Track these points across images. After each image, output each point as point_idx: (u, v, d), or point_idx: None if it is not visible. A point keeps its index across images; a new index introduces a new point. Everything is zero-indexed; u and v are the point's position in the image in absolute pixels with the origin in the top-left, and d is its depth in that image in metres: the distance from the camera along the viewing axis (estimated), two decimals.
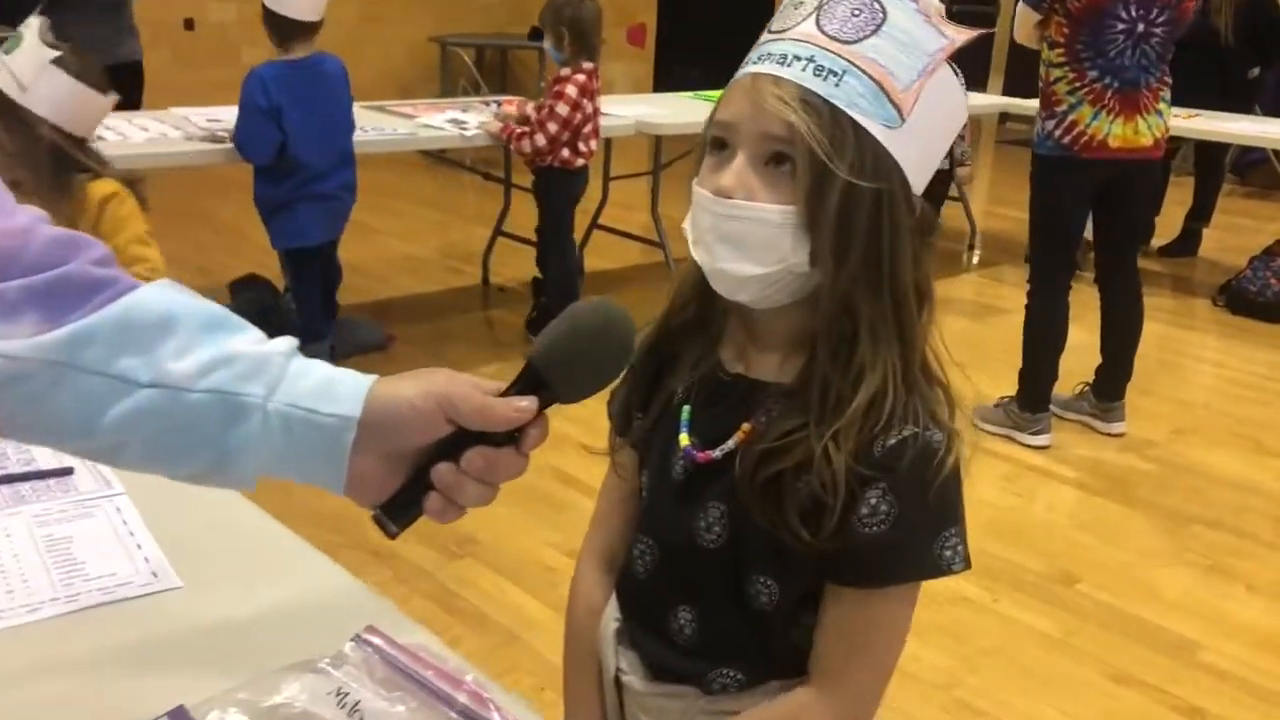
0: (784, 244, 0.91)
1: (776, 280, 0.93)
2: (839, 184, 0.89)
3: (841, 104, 0.89)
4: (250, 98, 3.36)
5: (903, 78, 0.91)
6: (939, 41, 0.92)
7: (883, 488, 0.92)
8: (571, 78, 3.84)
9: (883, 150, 0.90)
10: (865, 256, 0.91)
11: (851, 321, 0.93)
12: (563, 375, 0.77)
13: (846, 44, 0.90)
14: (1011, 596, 2.68)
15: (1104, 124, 3.22)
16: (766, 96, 0.90)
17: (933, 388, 0.98)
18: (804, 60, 0.90)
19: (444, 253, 5.40)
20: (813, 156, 0.89)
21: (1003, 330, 4.39)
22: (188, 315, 0.75)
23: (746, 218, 0.91)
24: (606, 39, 8.14)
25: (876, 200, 0.90)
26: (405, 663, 0.93)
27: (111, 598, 1.03)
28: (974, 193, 6.90)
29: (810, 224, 0.90)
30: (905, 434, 0.92)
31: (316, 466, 0.76)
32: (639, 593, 1.08)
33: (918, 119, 0.91)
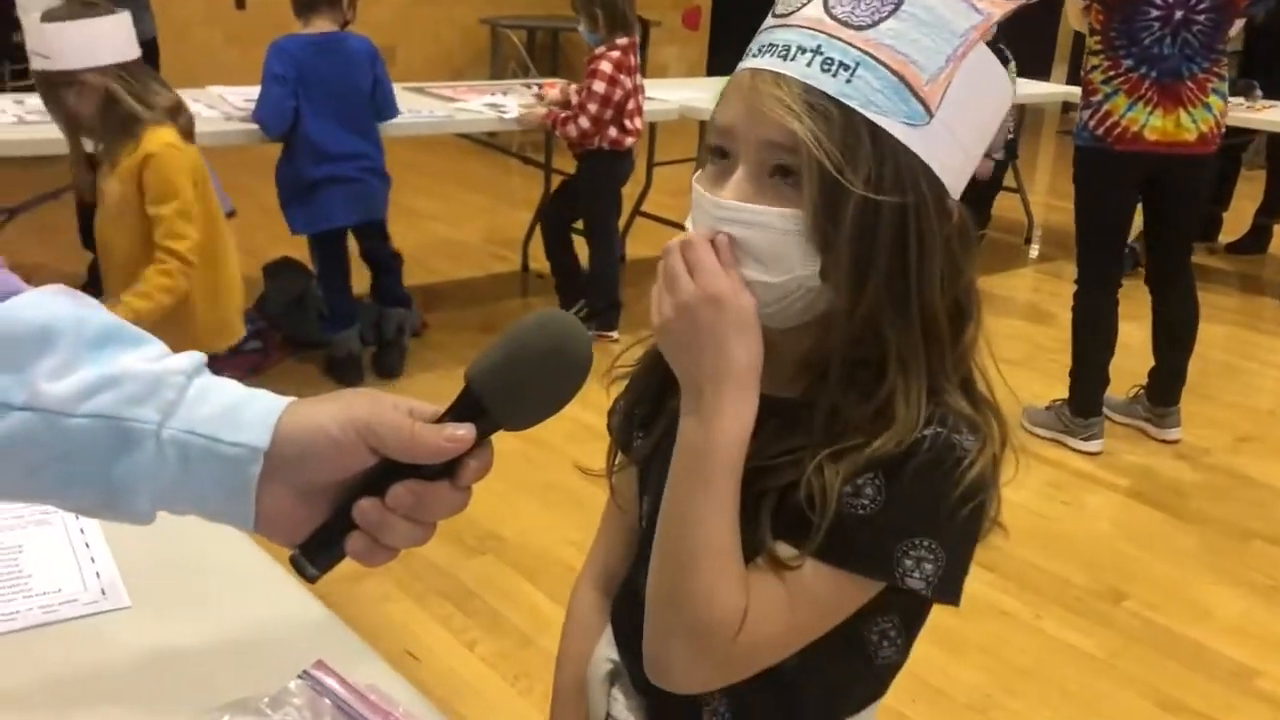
0: (792, 254, 0.80)
1: (788, 293, 0.82)
2: (854, 200, 0.77)
3: (855, 104, 0.78)
4: (267, 65, 3.33)
5: (928, 66, 0.78)
6: (970, 18, 0.79)
7: (877, 475, 0.81)
8: (606, 55, 3.77)
9: (906, 154, 0.79)
10: (889, 279, 0.80)
11: (876, 346, 0.82)
12: (505, 401, 0.67)
13: (859, 29, 0.78)
14: (1053, 612, 2.55)
15: (1140, 115, 3.06)
16: (765, 98, 0.79)
17: (981, 411, 0.86)
18: (809, 52, 0.79)
19: (487, 238, 5.34)
20: (821, 170, 0.77)
21: (1060, 328, 4.22)
22: (71, 327, 0.66)
23: (748, 221, 0.81)
24: (661, 21, 8.07)
25: (901, 213, 0.79)
26: (350, 705, 0.85)
27: (52, 617, 0.96)
28: (1034, 184, 6.70)
29: (821, 242, 0.79)
30: (925, 433, 0.81)
31: (220, 502, 0.67)
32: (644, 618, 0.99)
33: (949, 112, 0.79)
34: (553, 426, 0.99)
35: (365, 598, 2.43)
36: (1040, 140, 8.51)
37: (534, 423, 0.69)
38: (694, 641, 0.83)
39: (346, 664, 0.89)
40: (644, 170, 4.77)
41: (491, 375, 0.67)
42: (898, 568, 0.82)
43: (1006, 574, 2.67)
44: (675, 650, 0.85)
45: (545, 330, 0.68)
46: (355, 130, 3.46)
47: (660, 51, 8.33)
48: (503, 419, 0.68)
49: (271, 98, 3.34)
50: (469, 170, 6.50)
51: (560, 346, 0.67)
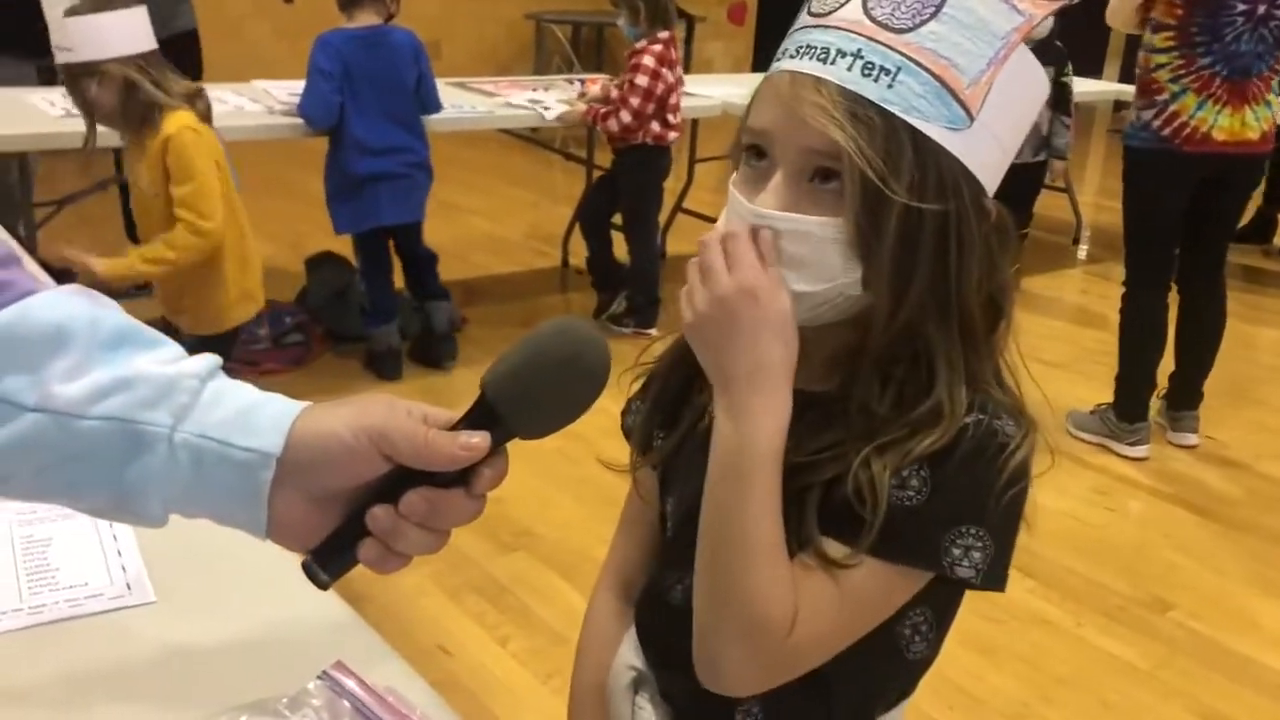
0: (833, 262, 0.79)
1: (827, 300, 0.81)
2: (896, 208, 0.76)
3: (897, 109, 0.76)
4: (313, 60, 3.35)
5: (969, 70, 0.77)
6: (1012, 20, 0.78)
7: (923, 466, 0.80)
8: (647, 49, 3.75)
9: (947, 158, 0.77)
10: (931, 283, 0.79)
11: (908, 342, 0.81)
12: (520, 410, 0.66)
13: (900, 33, 0.77)
14: (1096, 621, 2.51)
15: (1209, 115, 2.98)
16: (805, 104, 0.77)
17: (1010, 401, 0.86)
18: (849, 56, 0.77)
19: (528, 233, 5.34)
20: (864, 179, 0.76)
21: (1107, 331, 4.15)
22: (86, 328, 0.65)
23: (786, 229, 0.79)
24: (706, 17, 8.04)
25: (943, 221, 0.78)
26: (368, 707, 0.84)
27: (78, 611, 0.96)
28: (1083, 184, 6.59)
29: (863, 250, 0.78)
30: (967, 420, 0.80)
31: (232, 507, 0.66)
32: (673, 622, 0.95)
33: (990, 114, 0.78)
34: (589, 423, 0.98)
35: (400, 591, 2.44)
36: (1091, 139, 8.38)
37: (550, 431, 0.68)
38: (746, 643, 0.82)
39: (366, 665, 0.88)
40: (685, 166, 4.74)
41: (506, 383, 0.66)
42: (946, 557, 0.81)
43: (1048, 581, 2.62)
44: (727, 653, 0.83)
45: (562, 338, 0.66)
46: (400, 124, 3.47)
47: (705, 47, 8.30)
48: (517, 427, 0.67)
49: (317, 92, 3.36)
50: (512, 165, 6.51)
51: (577, 354, 0.66)
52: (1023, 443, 0.81)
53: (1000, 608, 2.50)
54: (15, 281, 0.65)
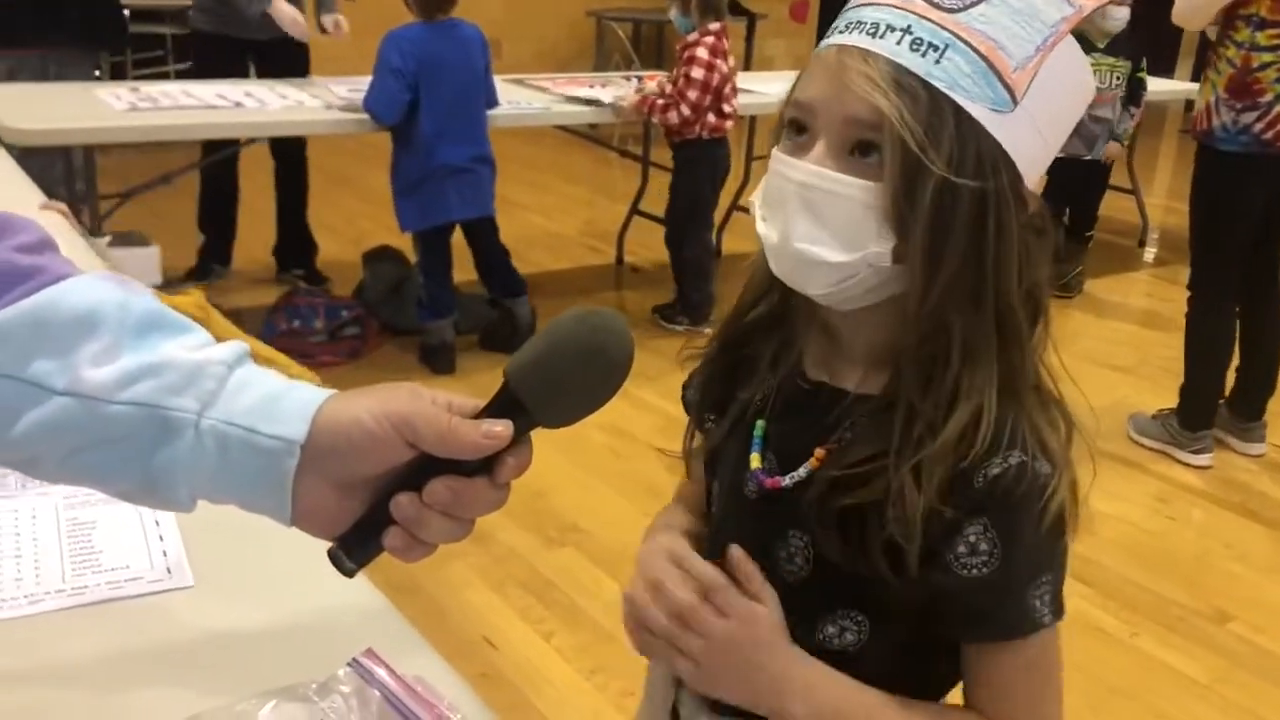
0: (868, 227, 0.78)
1: (853, 273, 0.80)
2: (934, 180, 0.75)
3: (942, 85, 0.76)
4: (384, 57, 3.37)
5: (1016, 54, 0.76)
6: (1062, 9, 0.78)
7: (984, 523, 0.79)
8: (700, 40, 3.74)
9: (989, 140, 0.77)
10: (964, 264, 0.78)
11: (945, 338, 0.80)
12: (543, 398, 0.66)
13: (951, 12, 0.77)
14: (1153, 632, 2.45)
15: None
16: (852, 74, 0.77)
17: (1047, 408, 0.84)
18: (899, 31, 0.77)
19: (584, 230, 5.36)
20: (904, 147, 0.75)
21: (1173, 336, 4.06)
22: (116, 313, 0.66)
23: (826, 189, 0.79)
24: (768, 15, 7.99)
25: (980, 199, 0.77)
26: (396, 695, 0.84)
27: (118, 593, 0.97)
28: (1151, 185, 6.45)
29: (898, 222, 0.77)
30: (1011, 462, 0.79)
31: (257, 493, 0.67)
32: None
33: (1033, 101, 0.77)
34: (639, 419, 0.98)
35: (447, 583, 2.46)
36: (1161, 139, 8.20)
37: (573, 420, 0.67)
38: None
39: (397, 653, 0.88)
40: (742, 164, 4.72)
41: (530, 372, 0.66)
42: (1033, 613, 0.82)
43: (1104, 590, 2.57)
44: None
45: (584, 327, 0.66)
46: (469, 119, 3.50)
47: (766, 44, 8.25)
48: (541, 416, 0.66)
49: (386, 89, 3.38)
50: (569, 162, 6.53)
51: (600, 344, 0.66)
52: (1060, 484, 0.81)
53: None
54: (48, 267, 0.66)
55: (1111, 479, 3.10)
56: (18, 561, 1.00)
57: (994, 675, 0.85)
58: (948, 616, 0.83)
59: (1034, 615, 0.81)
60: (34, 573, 0.99)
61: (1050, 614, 0.82)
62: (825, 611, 0.87)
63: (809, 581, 0.88)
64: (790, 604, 0.88)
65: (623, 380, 0.67)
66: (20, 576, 0.98)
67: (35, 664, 0.88)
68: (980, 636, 0.83)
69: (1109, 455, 3.24)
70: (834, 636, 0.87)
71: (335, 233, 4.57)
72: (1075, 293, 4.63)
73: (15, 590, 0.96)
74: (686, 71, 3.72)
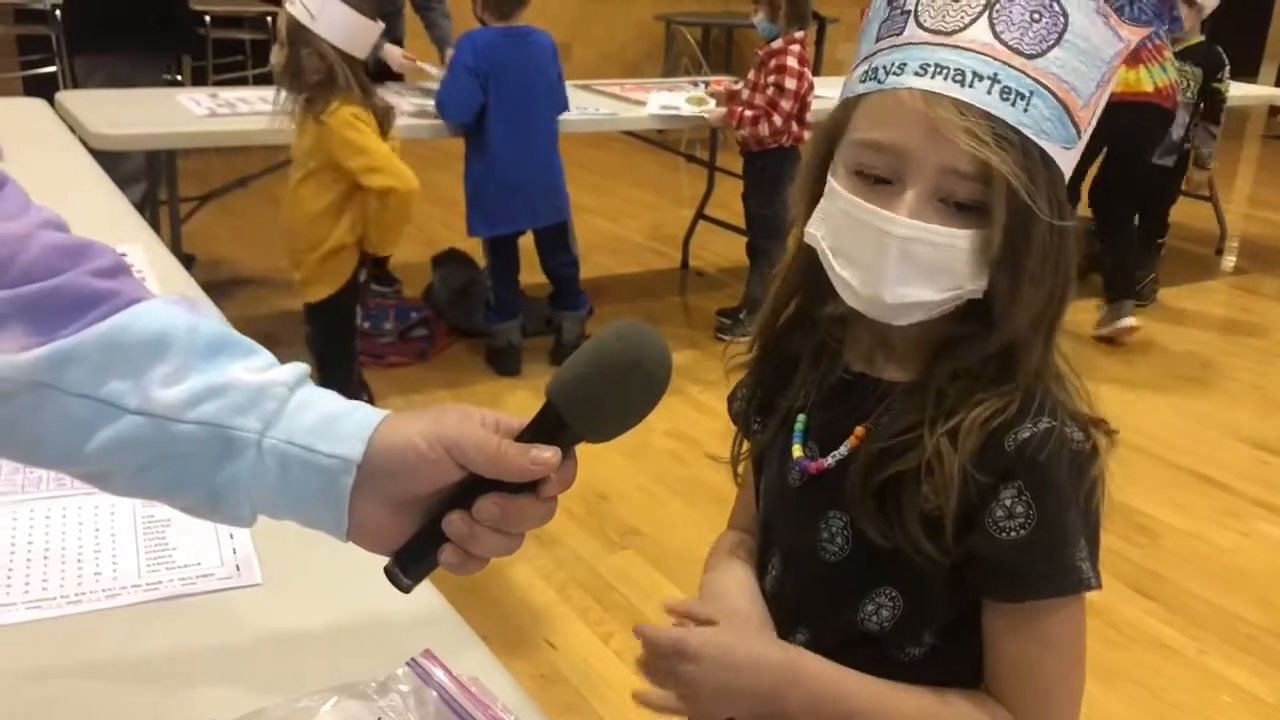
0: (963, 272, 0.81)
1: (944, 308, 0.84)
2: (1041, 226, 0.79)
3: (1030, 132, 0.78)
4: (459, 56, 3.43)
5: (1083, 92, 0.80)
6: (1114, 45, 0.81)
7: (1018, 486, 0.82)
8: (787, 49, 3.71)
9: (1060, 176, 0.80)
10: (1050, 294, 0.83)
11: (990, 330, 0.85)
12: (584, 415, 0.68)
13: (1031, 58, 0.78)
14: (1221, 649, 2.40)
15: None
16: (950, 126, 0.78)
17: (1062, 382, 0.87)
18: (987, 80, 0.78)
19: (649, 234, 5.38)
20: (1013, 196, 0.78)
21: (1250, 346, 3.98)
22: (185, 336, 0.69)
23: (931, 242, 0.80)
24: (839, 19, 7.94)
25: (1075, 236, 0.82)
26: (452, 695, 0.87)
27: (189, 589, 1.01)
28: (1231, 192, 6.29)
29: (1010, 266, 0.80)
30: (1040, 427, 0.81)
31: (315, 510, 0.70)
32: None
33: (1086, 133, 0.81)
34: (702, 424, 1.01)
35: (509, 584, 2.49)
36: (1243, 145, 8.00)
37: (615, 434, 0.70)
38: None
39: (455, 653, 0.91)
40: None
41: (571, 390, 0.68)
42: (1081, 574, 0.83)
43: (1171, 605, 2.53)
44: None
45: (622, 344, 0.68)
46: (540, 127, 3.54)
47: (837, 49, 8.20)
48: (583, 432, 0.69)
49: (460, 86, 3.43)
50: (637, 167, 6.56)
51: (637, 360, 0.68)
52: (1094, 443, 0.84)
53: (1117, 629, 2.42)
54: (122, 290, 0.69)
55: (1181, 493, 3.04)
56: (97, 557, 1.05)
57: (1021, 650, 0.85)
58: (990, 580, 0.85)
59: (1081, 575, 0.83)
60: (111, 568, 1.04)
61: (1095, 578, 0.84)
62: (865, 588, 0.90)
63: (849, 561, 0.91)
64: (831, 583, 0.92)
65: (661, 393, 0.69)
66: (99, 571, 1.03)
67: (111, 655, 0.92)
68: (1025, 595, 0.84)
69: (1179, 468, 3.18)
70: (872, 614, 0.90)
71: (406, 235, 4.63)
72: (1149, 301, 4.55)
73: (95, 584, 1.01)
74: (778, 82, 3.68)
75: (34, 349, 0.66)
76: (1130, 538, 2.79)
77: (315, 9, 2.55)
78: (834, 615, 0.92)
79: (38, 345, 0.66)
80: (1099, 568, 0.85)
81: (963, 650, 0.90)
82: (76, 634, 0.94)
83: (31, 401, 0.66)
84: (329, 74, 2.59)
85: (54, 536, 1.08)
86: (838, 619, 0.92)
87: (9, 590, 0.99)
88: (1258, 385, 3.26)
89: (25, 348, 0.66)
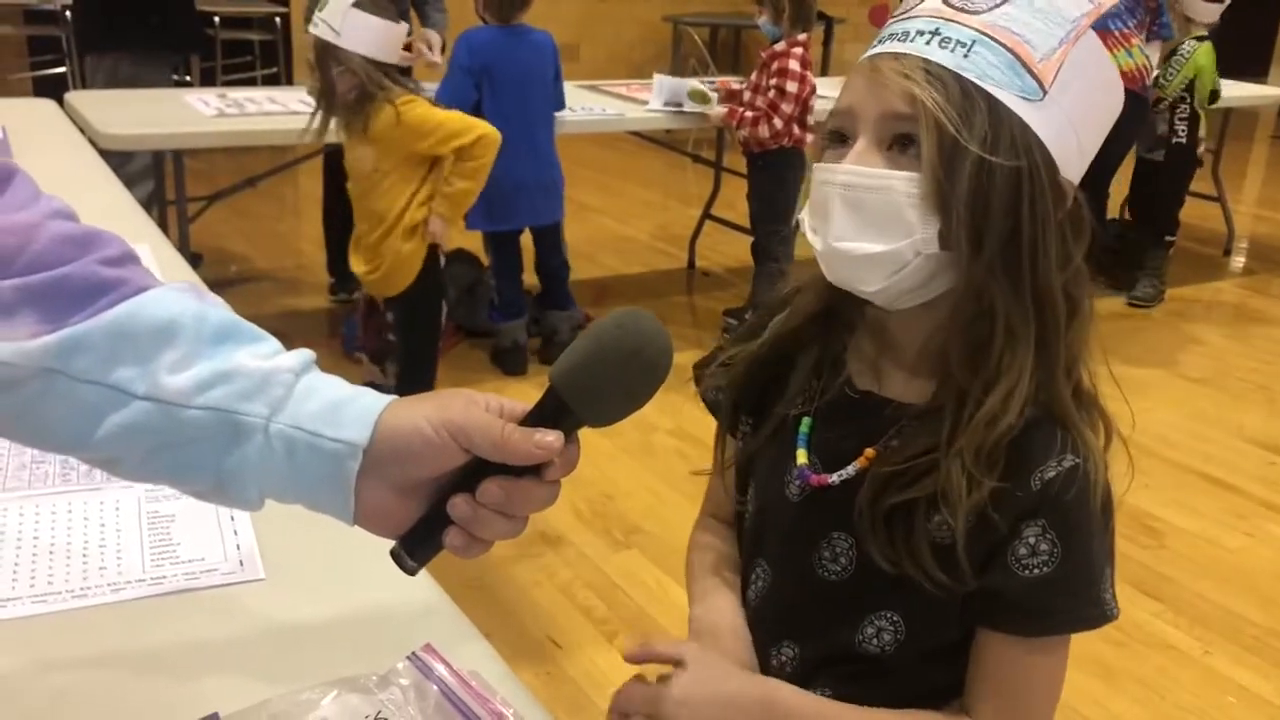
0: (910, 215, 0.81)
1: (903, 262, 0.82)
2: (970, 158, 0.78)
3: (972, 75, 0.79)
4: (455, 55, 3.46)
5: (1041, 46, 0.80)
6: (1081, 6, 0.81)
7: (1042, 524, 0.82)
8: (790, 51, 3.71)
9: (1021, 124, 0.79)
10: (1004, 244, 0.80)
11: (989, 323, 0.82)
12: (586, 400, 0.69)
13: (975, 14, 0.80)
14: (1227, 650, 2.40)
15: None
16: (885, 73, 0.81)
17: (1089, 414, 0.86)
18: (927, 34, 0.81)
19: (655, 234, 5.38)
20: (940, 129, 0.78)
21: (1258, 348, 3.97)
22: (193, 323, 0.70)
23: (867, 185, 0.82)
24: (846, 19, 7.94)
25: (1015, 179, 0.79)
26: (452, 689, 0.87)
27: (194, 584, 1.02)
28: (1239, 193, 6.28)
29: (940, 203, 0.80)
30: (1066, 464, 0.82)
31: (321, 494, 0.71)
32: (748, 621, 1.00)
33: (1062, 92, 0.80)
34: (707, 424, 1.02)
35: (514, 582, 2.50)
36: (1251, 145, 7.98)
37: (616, 419, 0.71)
38: None
39: (456, 648, 0.92)
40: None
41: (573, 375, 0.69)
42: (1105, 607, 0.85)
43: (1176, 606, 2.53)
44: None
45: (623, 331, 0.69)
46: (537, 126, 3.54)
47: (845, 49, 8.20)
48: (585, 416, 0.70)
49: (456, 84, 3.45)
50: (643, 167, 6.57)
51: (638, 347, 0.69)
52: (1100, 477, 0.83)
53: (1122, 630, 2.42)
54: (130, 279, 0.70)
55: (1188, 494, 3.04)
56: (102, 551, 1.06)
57: (1012, 673, 0.87)
58: (1007, 615, 0.85)
59: (1104, 608, 0.84)
60: (116, 562, 1.04)
61: (1115, 607, 0.85)
62: (865, 612, 0.89)
63: (851, 582, 0.90)
64: (828, 602, 0.91)
65: (662, 379, 0.71)
66: (104, 566, 1.04)
67: (115, 649, 0.93)
68: (1045, 630, 0.85)
69: (1186, 469, 3.17)
70: (873, 637, 0.89)
71: None
72: (1155, 303, 4.55)
73: (100, 579, 1.02)
74: (780, 85, 3.69)
75: (44, 336, 0.67)
76: (1136, 539, 2.79)
77: (339, 25, 2.56)
78: (828, 633, 0.92)
79: (47, 333, 0.67)
80: (1114, 589, 0.86)
81: (949, 670, 0.90)
82: (81, 628, 0.95)
83: (41, 388, 0.67)
84: (362, 89, 2.61)
85: (59, 531, 1.08)
86: (832, 637, 0.92)
87: (15, 584, 0.99)
88: (1265, 386, 3.25)
89: (35, 335, 0.67)
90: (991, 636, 0.87)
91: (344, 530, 1.09)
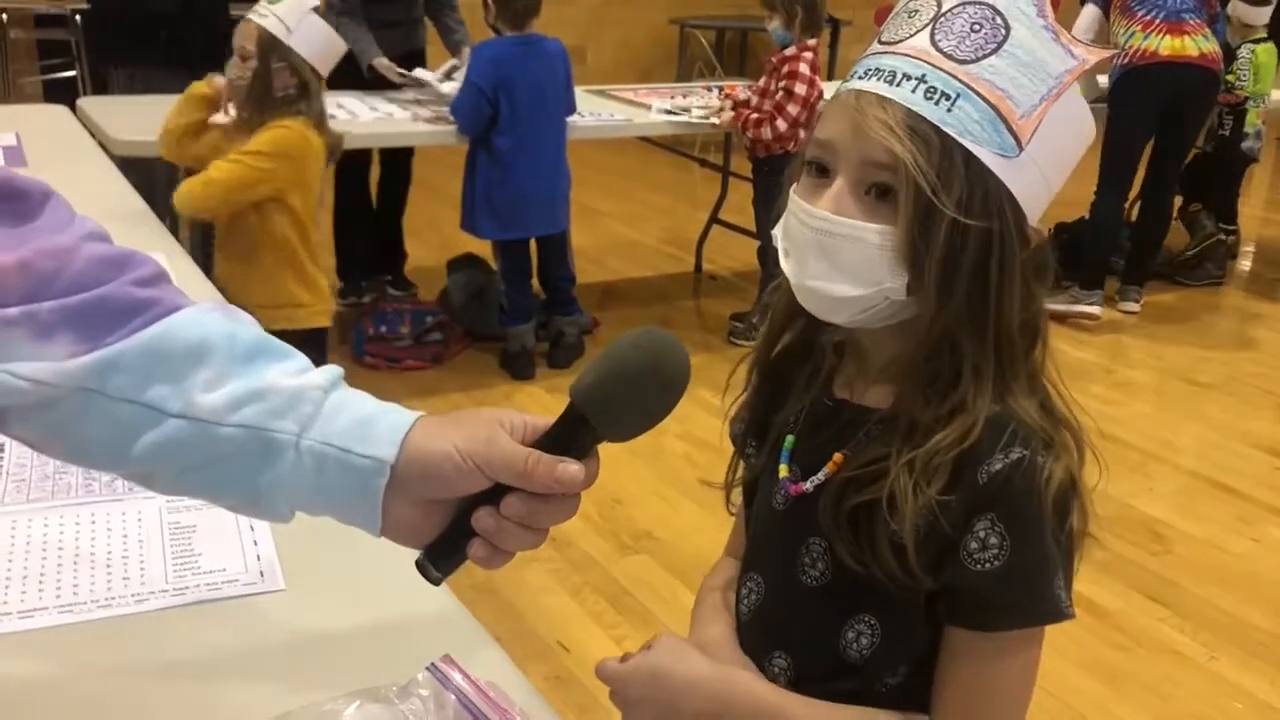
0: (881, 267, 0.83)
1: (872, 305, 0.85)
2: (945, 221, 0.80)
3: (953, 132, 0.81)
4: (470, 70, 3.48)
5: (1023, 103, 0.82)
6: (1066, 63, 0.83)
7: (990, 518, 0.83)
8: (800, 56, 3.73)
9: (995, 183, 0.82)
10: (969, 296, 0.83)
11: (953, 358, 0.85)
12: (606, 416, 0.72)
13: (963, 64, 0.82)
14: (1232, 655, 2.41)
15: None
16: (870, 119, 0.82)
17: (1058, 430, 0.88)
18: (914, 80, 0.82)
19: (663, 239, 5.40)
20: (918, 191, 0.80)
21: (1265, 353, 3.98)
22: (224, 343, 0.72)
23: (843, 234, 0.84)
24: (852, 21, 7.95)
25: (986, 239, 0.82)
26: (471, 700, 0.89)
27: (215, 595, 1.04)
28: (1248, 195, 6.28)
29: (912, 258, 0.82)
30: (1012, 457, 0.83)
31: (350, 508, 0.73)
32: (741, 634, 1.02)
33: (1037, 147, 0.82)
34: (715, 428, 1.04)
35: (524, 587, 2.52)
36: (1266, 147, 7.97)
37: (635, 434, 0.74)
38: None
39: (472, 656, 0.93)
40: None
41: (592, 392, 0.72)
42: (1059, 603, 0.85)
43: (1182, 611, 2.54)
44: None
45: (641, 349, 0.72)
46: (547, 136, 3.56)
47: (851, 51, 8.20)
48: (605, 432, 0.72)
49: (470, 101, 3.47)
50: (652, 171, 6.58)
51: (656, 364, 0.72)
52: (1065, 472, 0.84)
53: (1129, 635, 2.43)
54: (163, 298, 0.73)
55: (1194, 499, 3.05)
56: (125, 562, 1.08)
57: (974, 674, 0.87)
58: (961, 609, 0.86)
59: (1057, 604, 0.85)
60: (140, 573, 1.06)
61: (1070, 607, 0.86)
62: (845, 616, 0.92)
63: (829, 587, 0.92)
64: (811, 609, 0.94)
65: (680, 395, 0.73)
66: (128, 576, 1.06)
67: (139, 659, 0.95)
68: (998, 624, 0.86)
69: (1192, 474, 3.18)
70: (852, 642, 0.91)
71: (420, 239, 4.68)
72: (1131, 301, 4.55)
73: (124, 589, 1.04)
74: (788, 87, 3.70)
75: (81, 356, 0.69)
76: (1143, 544, 2.80)
77: (292, 22, 2.55)
78: (815, 642, 0.94)
79: (84, 353, 0.69)
80: (1070, 591, 0.86)
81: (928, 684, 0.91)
82: (106, 637, 0.97)
83: (79, 406, 0.69)
84: (301, 88, 2.57)
85: (84, 542, 1.10)
86: (819, 646, 0.94)
87: (41, 594, 1.01)
88: (1271, 391, 3.26)
89: (73, 355, 0.69)
90: (951, 634, 0.88)
91: (361, 540, 1.11)
